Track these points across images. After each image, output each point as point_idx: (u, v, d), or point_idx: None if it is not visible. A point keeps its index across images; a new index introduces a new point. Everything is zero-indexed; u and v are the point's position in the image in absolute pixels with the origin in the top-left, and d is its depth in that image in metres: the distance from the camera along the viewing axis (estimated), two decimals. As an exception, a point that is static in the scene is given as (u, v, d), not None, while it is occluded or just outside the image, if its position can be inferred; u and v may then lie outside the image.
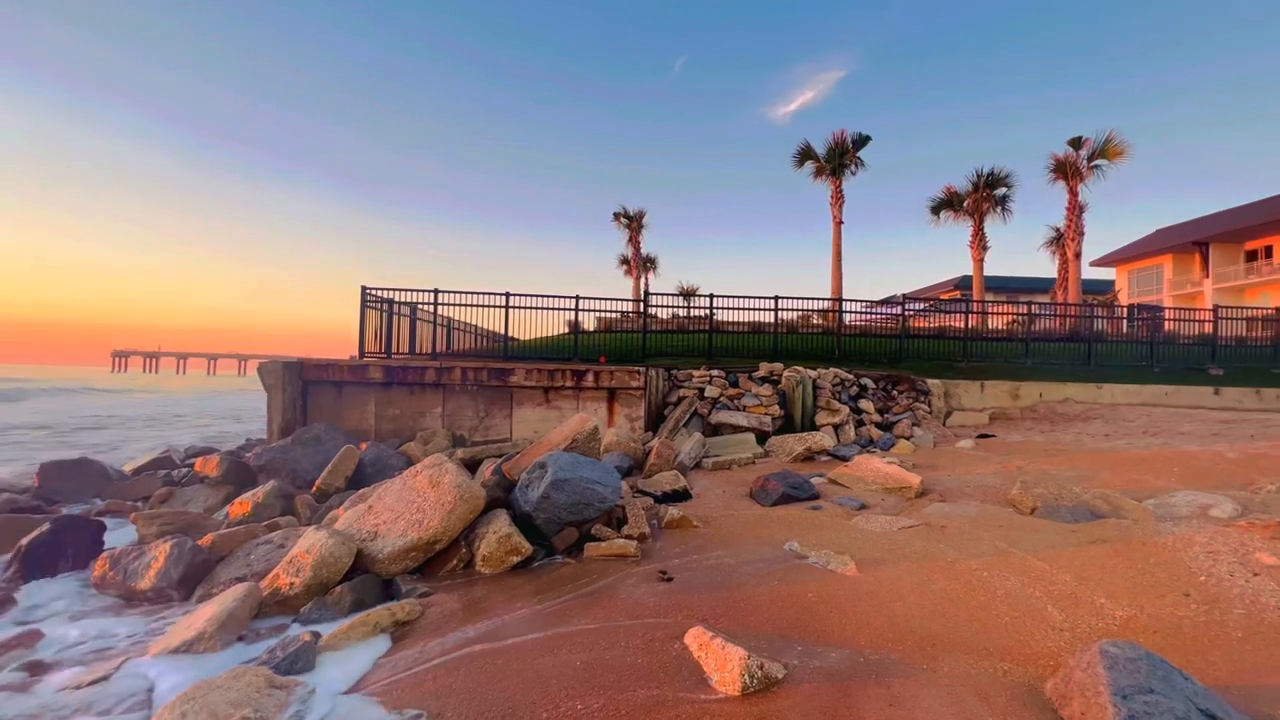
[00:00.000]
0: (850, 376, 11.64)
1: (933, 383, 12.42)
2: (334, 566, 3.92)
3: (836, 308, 14.89)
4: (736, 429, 9.96)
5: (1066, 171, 22.22)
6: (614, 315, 14.87)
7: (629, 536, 4.72)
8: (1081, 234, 22.14)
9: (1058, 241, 27.46)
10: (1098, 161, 21.91)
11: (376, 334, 10.89)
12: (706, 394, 10.73)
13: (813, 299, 14.28)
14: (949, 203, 24.98)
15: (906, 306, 14.69)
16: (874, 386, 11.86)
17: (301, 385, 9.16)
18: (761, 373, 11.19)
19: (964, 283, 36.51)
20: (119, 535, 5.57)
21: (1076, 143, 22.02)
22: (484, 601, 3.78)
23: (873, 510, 5.70)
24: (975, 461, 8.21)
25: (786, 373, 10.97)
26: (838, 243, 22.99)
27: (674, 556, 4.44)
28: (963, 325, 14.67)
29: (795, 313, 14.46)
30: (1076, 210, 22.15)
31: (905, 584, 3.70)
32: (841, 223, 23.09)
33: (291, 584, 3.86)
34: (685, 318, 15.98)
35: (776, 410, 10.56)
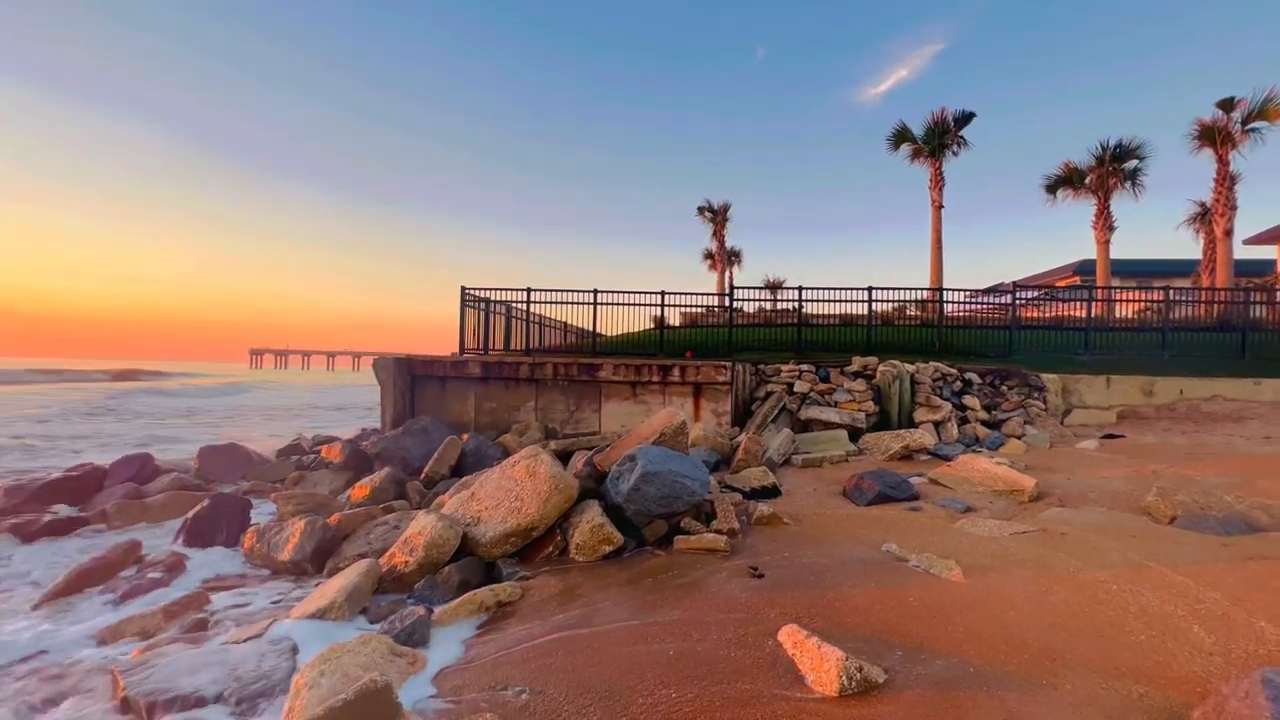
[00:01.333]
0: (953, 371, 10.92)
1: (1048, 377, 11.40)
2: (443, 548, 4.22)
3: (937, 298, 14.01)
4: (827, 425, 9.64)
5: (1215, 138, 19.53)
6: (699, 310, 14.84)
7: (718, 531, 4.71)
8: (1233, 208, 19.41)
9: (1202, 218, 24.23)
10: (1255, 124, 19.08)
11: (475, 331, 11.53)
12: (795, 389, 10.47)
13: (910, 289, 13.54)
14: (1068, 180, 22.69)
15: (1017, 295, 13.55)
16: (980, 381, 11.07)
17: (409, 380, 9.88)
18: (854, 367, 10.75)
19: (1085, 267, 33.06)
20: (262, 512, 6.27)
21: (1227, 104, 19.28)
22: (579, 588, 3.93)
23: (979, 513, 5.34)
24: (1100, 464, 7.46)
25: (882, 367, 10.47)
26: (937, 228, 21.58)
27: (764, 553, 4.39)
28: (1084, 314, 13.32)
29: (890, 304, 13.77)
30: (1227, 181, 19.44)
31: (1019, 593, 3.45)
32: (941, 207, 21.66)
33: (406, 562, 4.20)
34: (772, 311, 15.65)
35: (871, 406, 10.12)
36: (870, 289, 13.05)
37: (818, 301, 13.22)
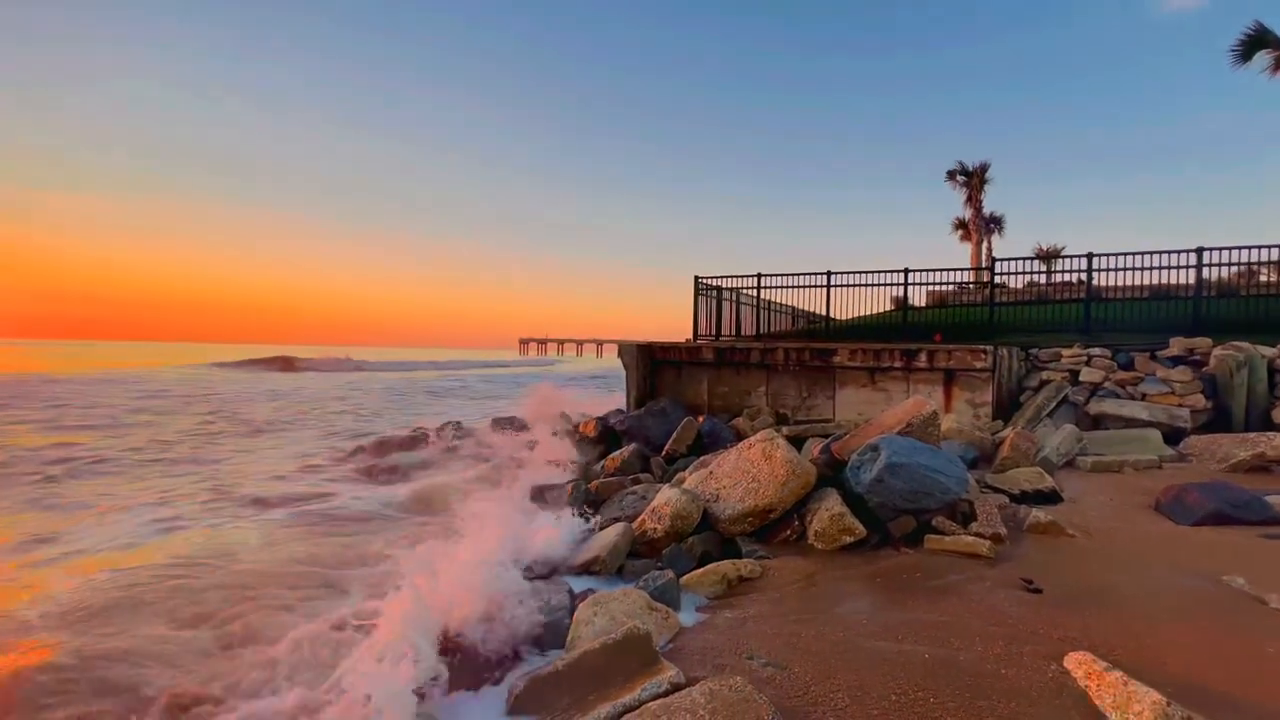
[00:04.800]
0: (1346, 356, 7.93)
1: None
2: (686, 520, 4.55)
3: (1317, 256, 10.24)
4: (1130, 423, 7.83)
5: None
6: (948, 288, 13.20)
7: (979, 535, 4.21)
8: None
9: None
10: None
11: (707, 318, 11.99)
12: (1082, 378, 8.70)
13: (1267, 247, 10.11)
14: None
15: None
16: (1399, 371, 7.84)
17: (650, 364, 10.73)
18: (1173, 351, 8.51)
19: None
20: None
21: None
22: (818, 574, 3.89)
23: (1397, 554, 3.85)
24: None
25: (1218, 351, 8.10)
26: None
27: (1039, 566, 3.80)
28: None
29: (1231, 267, 10.48)
30: None
31: None
32: (1329, 129, 15.62)
33: (654, 529, 4.62)
34: (1046, 285, 13.26)
35: (1199, 400, 7.92)
36: (1200, 250, 10.12)
37: (1115, 271, 10.70)
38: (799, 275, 11.88)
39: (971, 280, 13.48)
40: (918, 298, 12.51)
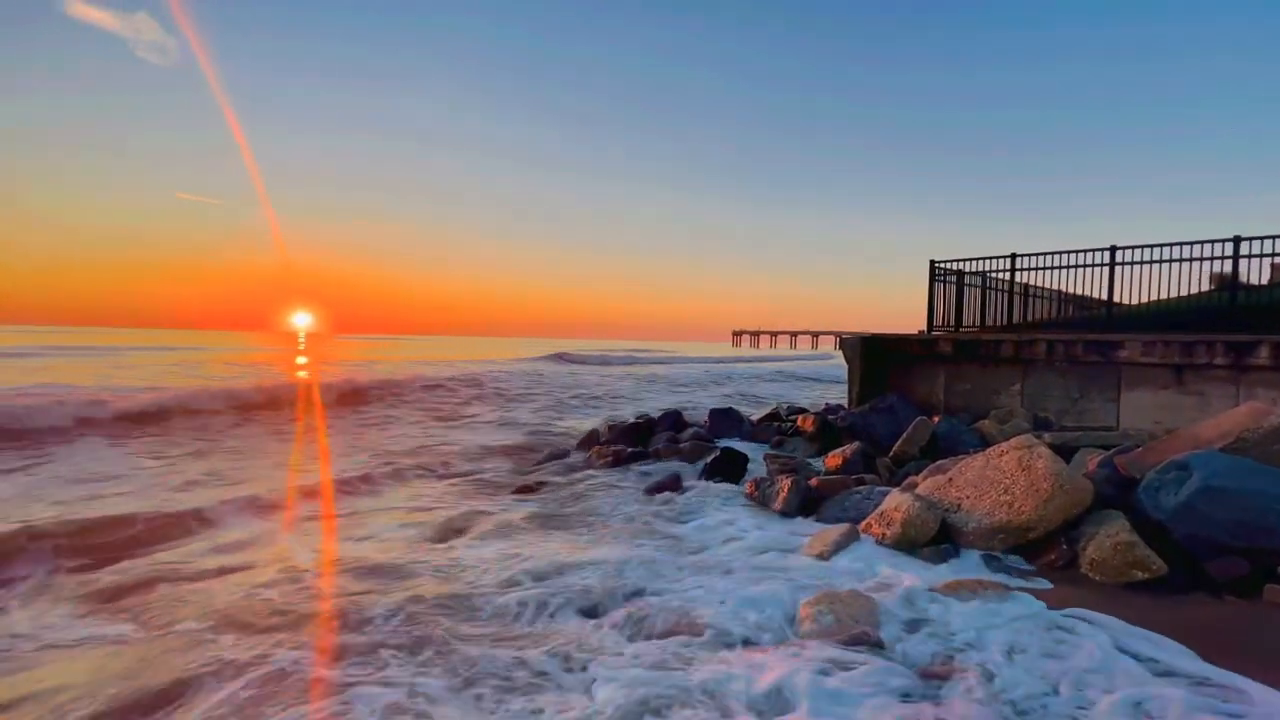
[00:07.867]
0: None
1: None
2: (921, 529, 4.18)
3: None
4: None
5: None
6: (1310, 258, 9.76)
7: (1361, 594, 3.12)
8: None
9: None
10: None
11: (944, 307, 10.71)
12: None
13: None
14: None
15: None
16: None
17: (875, 358, 9.98)
18: None
19: None
20: (752, 466, 7.53)
21: None
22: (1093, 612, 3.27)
23: None
24: None
25: None
26: None
27: None
28: None
29: None
30: None
31: None
32: None
33: (883, 535, 4.34)
34: None
35: None
36: None
37: None
38: (1069, 254, 9.84)
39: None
40: (1256, 273, 9.45)
